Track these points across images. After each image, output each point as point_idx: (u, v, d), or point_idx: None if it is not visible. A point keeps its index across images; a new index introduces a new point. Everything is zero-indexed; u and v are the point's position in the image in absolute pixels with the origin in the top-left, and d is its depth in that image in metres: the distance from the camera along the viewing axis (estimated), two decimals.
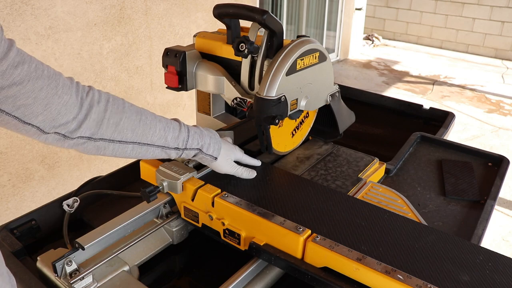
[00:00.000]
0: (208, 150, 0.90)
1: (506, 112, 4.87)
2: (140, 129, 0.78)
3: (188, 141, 0.87)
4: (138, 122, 0.78)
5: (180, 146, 0.85)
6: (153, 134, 0.80)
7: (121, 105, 0.76)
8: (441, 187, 1.18)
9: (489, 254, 0.80)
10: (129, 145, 0.78)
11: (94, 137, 0.72)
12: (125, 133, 0.76)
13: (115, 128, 0.74)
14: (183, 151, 0.87)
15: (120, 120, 0.75)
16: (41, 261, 0.86)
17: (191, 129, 0.88)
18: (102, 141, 0.74)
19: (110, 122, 0.73)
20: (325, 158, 1.20)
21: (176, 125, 0.85)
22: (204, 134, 0.90)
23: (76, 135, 0.70)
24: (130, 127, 0.77)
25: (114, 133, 0.75)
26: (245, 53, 0.98)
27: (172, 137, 0.84)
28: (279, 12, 5.16)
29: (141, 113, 0.80)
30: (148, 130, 0.80)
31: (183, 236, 1.01)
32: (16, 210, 2.23)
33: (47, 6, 2.11)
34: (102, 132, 0.73)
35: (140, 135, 0.78)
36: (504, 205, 3.16)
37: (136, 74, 2.68)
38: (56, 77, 0.66)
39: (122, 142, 0.76)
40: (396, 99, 1.83)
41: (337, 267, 0.77)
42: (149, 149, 0.81)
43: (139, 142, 0.79)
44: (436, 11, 7.24)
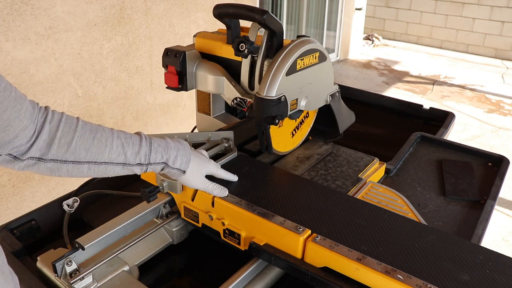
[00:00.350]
0: (174, 163, 0.84)
1: (506, 112, 4.87)
2: (94, 147, 0.74)
3: (151, 155, 0.81)
4: (92, 141, 0.74)
5: (142, 161, 0.80)
6: (110, 152, 0.76)
7: (74, 124, 0.72)
8: (441, 187, 1.18)
9: (489, 253, 0.80)
10: (84, 165, 0.74)
11: (44, 158, 0.69)
12: (78, 153, 0.72)
13: (67, 148, 0.71)
14: (147, 166, 0.81)
15: (72, 140, 0.71)
16: (41, 261, 0.86)
17: (154, 142, 0.82)
18: (53, 162, 0.70)
19: (61, 142, 0.70)
20: (325, 158, 1.20)
21: (136, 140, 0.80)
22: (170, 146, 0.84)
23: (26, 156, 0.67)
24: (83, 146, 0.73)
25: (66, 154, 0.71)
26: (245, 53, 0.98)
27: (132, 153, 0.78)
28: (279, 12, 5.16)
29: (96, 130, 0.75)
30: (103, 148, 0.75)
31: (183, 236, 1.01)
32: (16, 210, 2.23)
33: (47, 6, 2.11)
34: (53, 153, 0.70)
35: (94, 154, 0.74)
36: (504, 205, 3.16)
37: (136, 74, 2.68)
38: (22, 100, 0.64)
39: (76, 162, 0.73)
40: (396, 99, 1.83)
41: (337, 267, 0.77)
42: (108, 167, 0.77)
43: (95, 161, 0.75)
44: (436, 11, 7.23)
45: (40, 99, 2.16)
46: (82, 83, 2.38)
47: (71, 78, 2.32)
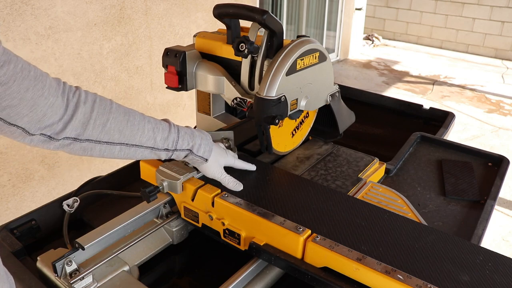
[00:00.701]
0: (198, 151, 0.88)
1: (506, 112, 4.87)
2: (128, 130, 0.76)
3: (178, 142, 0.85)
4: (125, 123, 0.76)
5: (169, 147, 0.84)
6: (142, 135, 0.79)
7: (108, 106, 0.74)
8: (441, 187, 1.18)
9: (489, 254, 0.80)
10: (117, 146, 0.76)
11: (80, 138, 0.71)
12: (112, 134, 0.74)
13: (102, 129, 0.73)
14: (173, 152, 0.85)
15: (107, 121, 0.73)
16: (41, 261, 0.86)
17: (181, 130, 0.86)
18: (88, 142, 0.72)
19: (97, 123, 0.72)
20: (325, 158, 1.20)
21: (165, 126, 0.83)
22: (195, 135, 0.88)
23: (61, 136, 0.68)
24: (117, 128, 0.75)
25: (100, 134, 0.73)
26: (245, 53, 0.98)
27: (161, 138, 0.82)
28: (279, 12, 5.16)
29: (129, 113, 0.77)
30: (136, 131, 0.78)
31: (183, 236, 1.01)
32: (16, 210, 2.23)
33: (47, 6, 2.11)
34: (89, 133, 0.71)
35: (127, 136, 0.76)
36: (504, 205, 3.16)
37: (136, 74, 2.68)
38: (43, 78, 0.64)
39: (109, 143, 0.75)
40: (396, 99, 1.83)
41: (337, 267, 0.77)
42: (137, 150, 0.79)
43: (127, 143, 0.77)
44: (436, 11, 7.23)
45: None
46: (82, 83, 2.38)
47: (71, 78, 2.32)
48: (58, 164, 2.38)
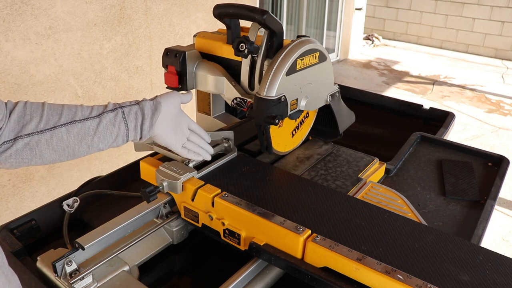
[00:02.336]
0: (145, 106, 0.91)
1: (506, 112, 4.87)
2: (66, 111, 0.75)
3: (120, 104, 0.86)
4: (61, 107, 0.76)
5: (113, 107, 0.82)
6: (82, 110, 0.77)
7: (40, 102, 0.74)
8: (441, 187, 1.18)
9: (489, 254, 0.80)
10: (62, 128, 0.74)
11: (20, 134, 0.69)
12: (52, 119, 0.73)
13: (40, 118, 0.72)
14: (122, 108, 0.85)
15: (43, 111, 0.73)
16: (41, 261, 0.86)
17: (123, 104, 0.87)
18: (30, 136, 0.70)
19: (33, 115, 0.71)
20: (325, 158, 1.20)
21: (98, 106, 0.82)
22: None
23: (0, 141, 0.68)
24: (55, 112, 0.74)
25: (40, 124, 0.71)
26: (245, 53, 0.98)
27: (100, 106, 0.81)
28: (279, 12, 5.16)
29: (63, 104, 0.77)
30: (74, 109, 0.77)
31: (183, 236, 1.01)
32: (16, 210, 2.23)
33: (47, 6, 2.11)
34: (27, 128, 0.70)
35: (68, 115, 0.75)
36: (504, 205, 3.16)
37: (136, 74, 2.68)
38: None
39: (52, 128, 0.73)
40: (396, 99, 1.83)
41: (337, 267, 0.77)
42: (85, 124, 0.77)
43: (71, 121, 0.75)
44: (436, 11, 7.24)
45: (40, 99, 2.16)
46: (82, 83, 2.38)
47: (71, 78, 2.32)
48: (58, 164, 2.38)
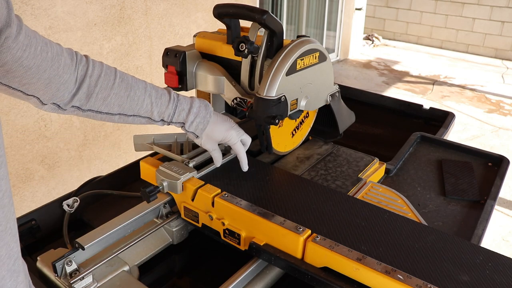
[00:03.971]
0: (190, 127, 0.93)
1: (506, 112, 4.87)
2: (127, 104, 0.84)
3: (173, 117, 0.91)
4: (125, 98, 0.83)
5: (165, 119, 0.90)
6: (140, 108, 0.86)
7: (111, 81, 0.80)
8: (441, 187, 1.18)
9: (489, 254, 0.80)
10: (116, 116, 0.84)
11: (83, 108, 0.79)
12: (112, 107, 0.82)
13: (103, 102, 0.80)
14: (169, 123, 0.92)
15: (108, 96, 0.80)
16: (41, 261, 0.86)
17: (179, 105, 0.91)
18: (90, 111, 0.80)
19: (99, 96, 0.79)
20: (325, 158, 1.20)
21: (165, 100, 0.89)
22: (192, 111, 0.92)
23: (68, 106, 0.77)
24: (117, 102, 0.82)
25: (101, 106, 0.81)
26: (245, 53, 0.98)
27: (158, 112, 0.88)
28: (279, 12, 5.16)
29: (131, 88, 0.84)
30: (135, 105, 0.85)
31: (183, 236, 1.01)
32: (16, 210, 2.23)
33: (47, 6, 2.10)
34: (91, 105, 0.79)
35: (126, 109, 0.84)
36: (504, 205, 3.16)
37: (136, 74, 2.68)
38: (58, 57, 0.70)
39: (109, 114, 0.83)
40: (396, 99, 1.83)
41: (337, 267, 0.77)
42: (135, 119, 0.87)
43: (125, 113, 0.85)
44: (436, 11, 7.23)
45: None
46: None
47: None
48: (58, 164, 2.38)
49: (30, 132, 2.20)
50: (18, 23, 0.60)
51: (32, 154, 2.24)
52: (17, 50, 0.61)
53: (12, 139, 2.12)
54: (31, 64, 0.64)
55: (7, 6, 0.56)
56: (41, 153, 2.27)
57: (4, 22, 0.57)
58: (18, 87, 0.67)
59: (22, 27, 0.61)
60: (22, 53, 0.62)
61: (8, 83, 0.66)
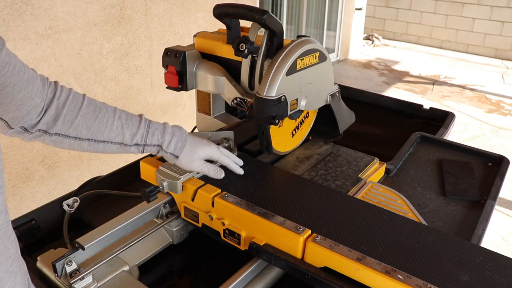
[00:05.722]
0: (168, 148, 0.89)
1: (506, 112, 4.87)
2: (95, 127, 0.80)
3: (148, 137, 0.86)
4: (94, 120, 0.80)
5: (139, 142, 0.86)
6: (110, 132, 0.82)
7: (79, 103, 0.78)
8: (441, 187, 1.18)
9: (489, 254, 0.80)
10: (85, 141, 0.80)
11: (49, 131, 0.76)
12: (80, 130, 0.79)
13: (70, 125, 0.77)
14: (144, 147, 0.87)
15: (76, 118, 0.78)
16: (41, 261, 0.86)
17: (152, 125, 0.87)
18: (57, 136, 0.77)
19: (66, 118, 0.77)
20: (325, 158, 1.20)
21: (135, 121, 0.85)
22: (167, 131, 0.89)
23: (35, 129, 0.74)
24: (85, 125, 0.79)
25: (69, 130, 0.78)
26: (245, 53, 0.98)
27: (130, 134, 0.84)
28: (279, 12, 5.16)
29: (99, 110, 0.81)
30: (104, 128, 0.81)
31: (183, 236, 1.01)
32: (16, 210, 2.23)
33: (47, 6, 2.11)
34: (58, 128, 0.76)
35: (95, 132, 0.80)
36: (504, 205, 3.16)
37: (136, 74, 2.68)
38: (33, 80, 0.70)
39: (77, 138, 0.79)
40: (396, 99, 1.83)
41: (337, 267, 0.77)
42: (106, 146, 0.83)
43: (95, 139, 0.81)
44: (436, 11, 7.23)
45: None
46: (82, 83, 2.38)
47: (71, 78, 2.32)
48: (58, 164, 2.38)
49: None
50: (1, 41, 0.61)
51: (32, 154, 2.24)
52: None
53: (12, 139, 2.12)
54: (7, 82, 0.63)
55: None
56: (41, 153, 2.27)
57: None
58: None
59: (4, 45, 0.61)
60: (1, 69, 0.61)
61: None
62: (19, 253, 0.66)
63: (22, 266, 0.67)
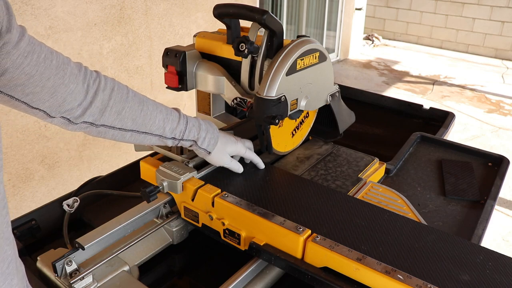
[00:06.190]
0: (202, 144, 0.93)
1: (506, 112, 4.87)
2: (141, 119, 0.82)
3: (185, 133, 0.90)
4: (139, 112, 0.82)
5: (177, 136, 0.89)
6: (152, 124, 0.84)
7: (124, 94, 0.79)
8: (441, 187, 1.18)
9: (489, 253, 0.80)
10: (128, 132, 0.82)
11: (96, 123, 0.77)
12: (126, 122, 0.80)
13: (117, 116, 0.78)
14: (180, 141, 0.91)
15: (122, 109, 0.79)
16: (41, 261, 0.86)
17: (189, 121, 0.91)
18: (104, 127, 0.78)
19: (113, 110, 0.77)
20: (325, 158, 1.20)
21: (175, 117, 0.89)
22: (202, 128, 0.93)
23: (80, 120, 0.74)
24: (131, 116, 0.81)
25: (115, 121, 0.79)
26: (245, 53, 0.98)
27: (170, 128, 0.87)
28: (279, 12, 5.16)
29: (144, 103, 0.83)
30: (148, 120, 0.83)
31: (183, 236, 1.01)
32: (16, 210, 2.23)
33: (47, 6, 2.11)
34: (105, 119, 0.77)
35: (139, 124, 0.83)
36: (504, 205, 3.16)
37: (136, 74, 2.68)
38: (64, 66, 0.69)
39: (122, 129, 0.81)
40: (396, 99, 1.83)
41: (337, 267, 0.77)
42: (146, 137, 0.86)
43: (138, 130, 0.83)
44: (436, 11, 7.24)
45: None
46: None
47: None
48: (58, 164, 2.38)
49: (30, 132, 2.20)
50: (21, 30, 0.61)
51: (32, 154, 2.24)
52: (18, 56, 0.60)
53: (12, 139, 2.12)
54: (33, 71, 0.63)
55: (7, 13, 0.57)
56: (41, 153, 2.27)
57: (4, 27, 0.57)
58: (21, 97, 0.65)
59: (24, 35, 0.61)
60: (23, 59, 0.61)
61: (11, 93, 0.64)
62: (17, 255, 0.66)
63: (20, 268, 0.67)
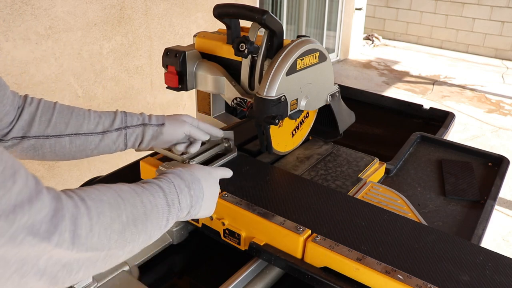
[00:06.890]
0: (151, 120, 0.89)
1: (506, 112, 4.87)
2: (73, 120, 0.80)
3: (128, 119, 0.86)
4: (70, 115, 0.80)
5: (119, 125, 0.84)
6: (89, 123, 0.81)
7: (52, 104, 0.79)
8: (441, 187, 1.18)
9: (489, 254, 0.80)
10: (65, 138, 0.79)
11: (27, 135, 0.75)
12: (59, 127, 0.78)
13: (48, 123, 0.77)
14: (126, 129, 0.85)
15: (52, 116, 0.77)
16: None
17: (128, 112, 0.88)
18: (36, 138, 0.76)
19: (42, 119, 0.76)
20: (325, 158, 1.20)
21: (111, 112, 0.85)
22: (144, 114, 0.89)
23: (9, 137, 0.73)
24: (63, 120, 0.78)
25: (47, 129, 0.77)
26: (245, 53, 0.98)
27: (110, 121, 0.84)
28: (279, 12, 5.16)
29: (73, 108, 0.82)
30: (82, 120, 0.81)
31: (183, 236, 1.01)
32: None
33: (47, 6, 2.11)
34: (35, 130, 0.75)
35: (74, 126, 0.80)
36: (504, 205, 3.16)
37: (136, 74, 2.68)
38: (5, 87, 0.70)
39: (57, 136, 0.78)
40: (396, 99, 1.83)
41: (337, 267, 0.77)
42: (88, 139, 0.81)
43: (75, 133, 0.80)
44: (436, 11, 7.24)
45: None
46: (82, 83, 2.38)
47: (71, 78, 2.32)
48: (58, 164, 2.38)
49: None
50: None
51: None
52: None
53: None
54: None
55: None
56: None
57: None
58: None
59: None
60: None
61: None
62: None
63: None
